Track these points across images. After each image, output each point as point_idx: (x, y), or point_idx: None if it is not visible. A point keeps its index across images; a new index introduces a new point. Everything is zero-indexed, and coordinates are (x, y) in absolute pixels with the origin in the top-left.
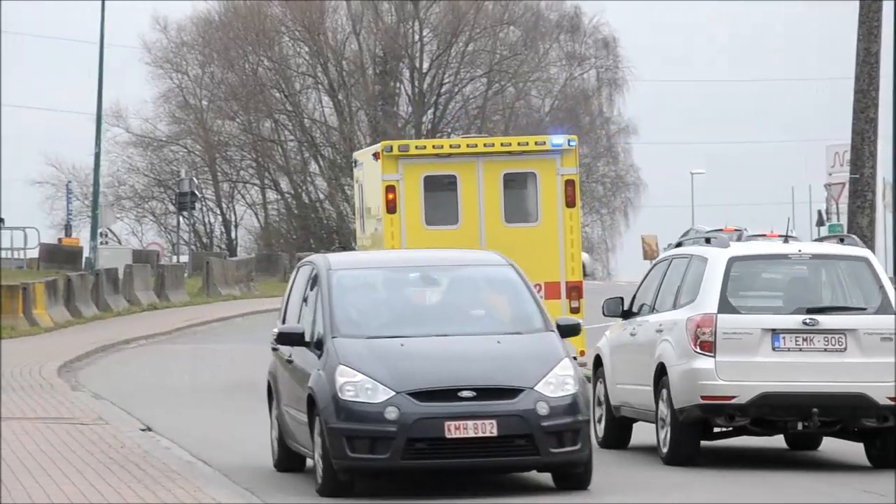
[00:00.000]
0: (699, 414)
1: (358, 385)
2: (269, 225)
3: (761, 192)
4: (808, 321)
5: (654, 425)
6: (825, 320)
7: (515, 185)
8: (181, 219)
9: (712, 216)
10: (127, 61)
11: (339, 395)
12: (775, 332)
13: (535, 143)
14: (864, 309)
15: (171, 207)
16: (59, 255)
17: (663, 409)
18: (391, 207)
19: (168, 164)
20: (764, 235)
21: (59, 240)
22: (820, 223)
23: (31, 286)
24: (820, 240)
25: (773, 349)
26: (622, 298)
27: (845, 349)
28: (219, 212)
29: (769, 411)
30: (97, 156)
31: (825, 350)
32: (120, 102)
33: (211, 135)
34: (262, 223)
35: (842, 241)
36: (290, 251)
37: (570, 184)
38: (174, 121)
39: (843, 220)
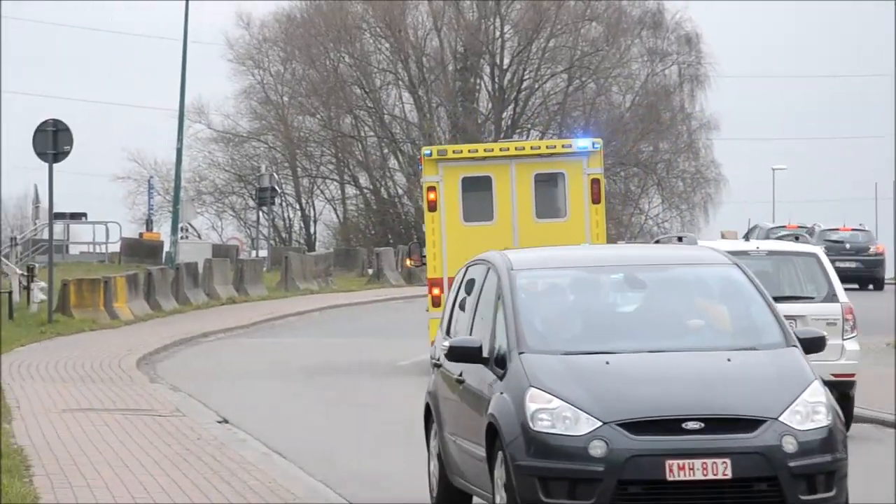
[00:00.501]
0: None
1: (554, 413)
2: (347, 220)
3: (843, 188)
4: None
5: None
6: (780, 308)
7: (545, 184)
8: (261, 214)
9: (793, 212)
10: (210, 58)
11: (531, 424)
12: None
13: (563, 146)
14: (813, 298)
15: (251, 203)
16: (140, 250)
17: None
18: (432, 206)
19: (248, 160)
20: (783, 227)
21: (140, 234)
22: None
23: (113, 280)
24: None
25: None
26: None
27: None
28: (298, 207)
29: None
30: (179, 151)
31: None
32: (202, 98)
33: (291, 131)
34: (340, 218)
35: (797, 238)
36: (368, 246)
37: (595, 182)
38: (255, 117)
39: None
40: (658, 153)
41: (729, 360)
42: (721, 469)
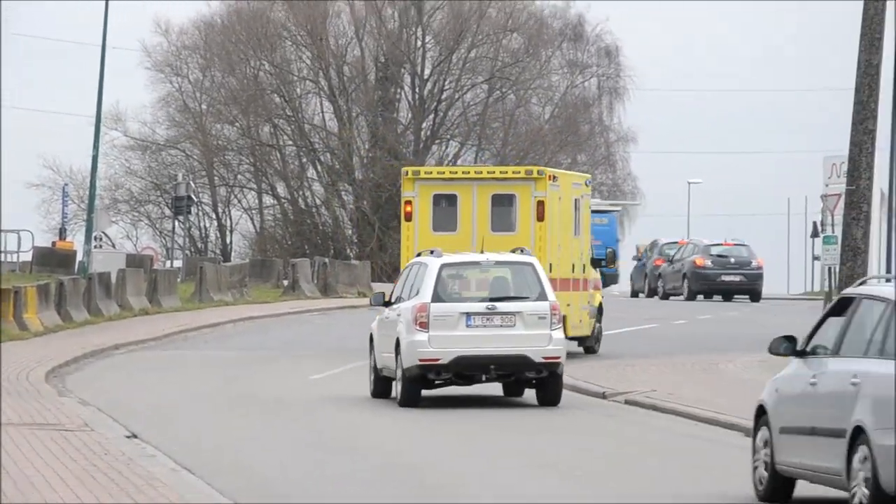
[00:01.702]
0: None
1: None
2: (264, 230)
3: (758, 203)
4: (489, 306)
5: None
6: (501, 305)
7: (501, 203)
8: (176, 223)
9: (708, 226)
10: (128, 64)
11: None
12: (468, 315)
13: (513, 172)
14: (528, 297)
15: (167, 212)
16: (53, 259)
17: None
18: (408, 217)
19: (165, 168)
20: (675, 242)
21: (53, 243)
22: (815, 234)
23: (23, 290)
24: (513, 251)
25: (467, 326)
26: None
27: (514, 325)
28: (214, 216)
29: (466, 368)
30: (94, 159)
31: (501, 326)
32: (119, 105)
33: (209, 139)
34: (257, 228)
35: (522, 250)
36: (285, 257)
37: (540, 204)
38: (173, 124)
39: (838, 232)
40: (576, 165)
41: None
42: None
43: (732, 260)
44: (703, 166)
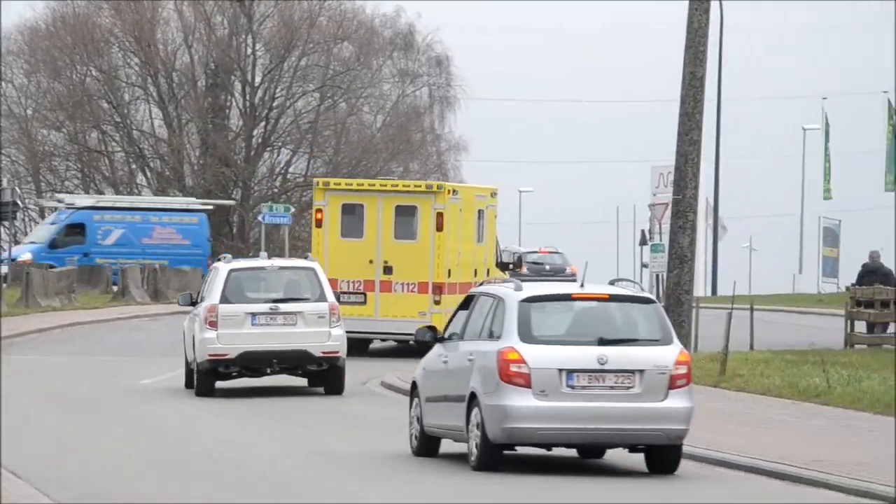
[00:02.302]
0: None
1: None
2: None
3: (588, 211)
4: (272, 307)
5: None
6: (284, 306)
7: (404, 214)
8: (2, 229)
9: (540, 234)
10: None
11: None
12: (254, 314)
13: (415, 186)
14: (309, 298)
15: None
16: None
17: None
18: (319, 223)
19: None
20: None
21: None
22: (643, 242)
23: None
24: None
25: (252, 324)
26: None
27: (296, 323)
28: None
29: (251, 362)
30: None
31: (283, 324)
32: None
33: (35, 144)
34: None
35: (307, 257)
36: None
37: (440, 215)
38: None
39: (665, 241)
40: (408, 174)
41: None
42: None
43: (547, 267)
44: (534, 175)
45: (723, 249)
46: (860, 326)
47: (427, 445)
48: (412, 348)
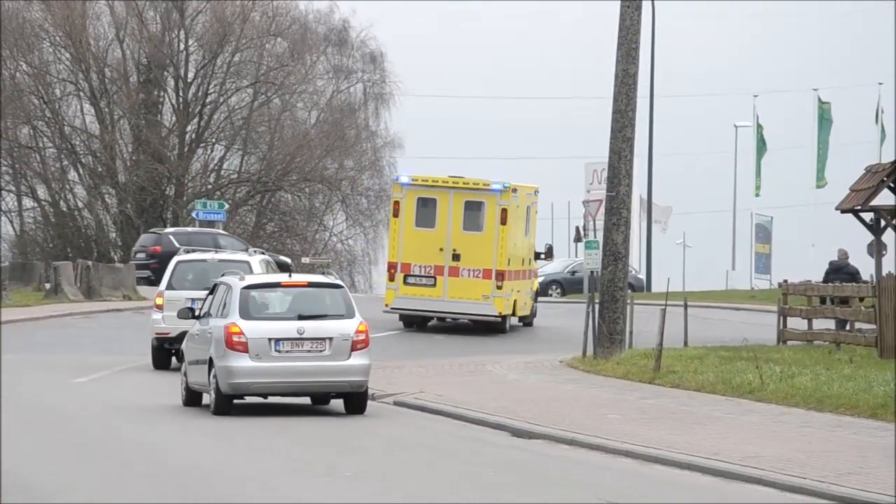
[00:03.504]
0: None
1: None
2: (24, 233)
3: None
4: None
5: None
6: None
7: (472, 208)
8: None
9: None
10: None
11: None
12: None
13: (484, 185)
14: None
15: None
16: None
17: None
18: (395, 213)
19: None
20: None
21: None
22: (578, 239)
23: None
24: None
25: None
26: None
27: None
28: None
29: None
30: None
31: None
32: None
33: None
34: (17, 231)
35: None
36: (47, 260)
37: (503, 211)
38: None
39: (600, 237)
40: (343, 170)
41: None
42: None
43: None
44: (468, 172)
45: (656, 245)
46: (792, 323)
47: (192, 398)
48: (470, 326)
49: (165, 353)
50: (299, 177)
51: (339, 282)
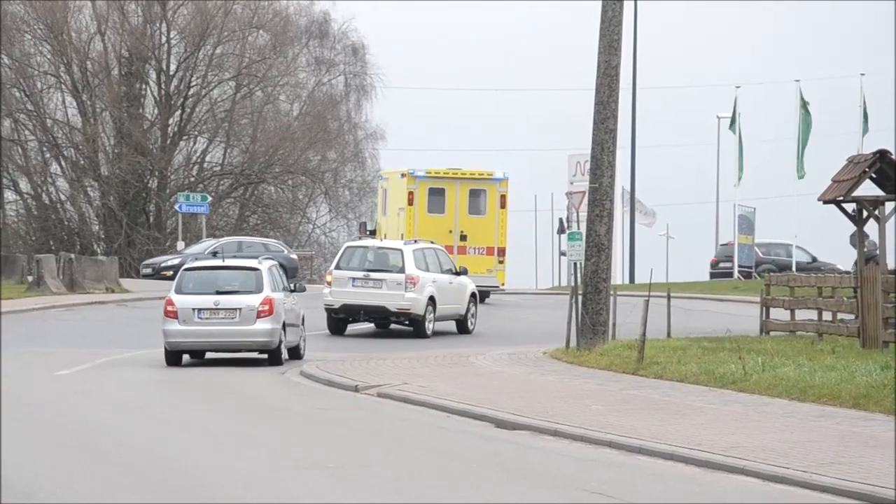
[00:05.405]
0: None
1: None
2: (6, 226)
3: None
4: (365, 274)
5: None
6: (374, 275)
7: (475, 195)
8: None
9: None
10: None
11: None
12: (353, 279)
13: (487, 174)
14: (392, 270)
15: None
16: None
17: None
18: (410, 202)
19: None
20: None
21: None
22: (561, 231)
23: None
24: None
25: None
26: None
27: (381, 288)
28: None
29: (350, 311)
30: None
31: (373, 288)
32: None
33: None
34: None
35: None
36: (29, 253)
37: (503, 197)
38: None
39: (583, 229)
40: (326, 162)
41: None
42: None
43: None
44: (451, 164)
45: (640, 237)
46: (775, 314)
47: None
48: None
49: (333, 321)
50: (282, 169)
51: (256, 265)
